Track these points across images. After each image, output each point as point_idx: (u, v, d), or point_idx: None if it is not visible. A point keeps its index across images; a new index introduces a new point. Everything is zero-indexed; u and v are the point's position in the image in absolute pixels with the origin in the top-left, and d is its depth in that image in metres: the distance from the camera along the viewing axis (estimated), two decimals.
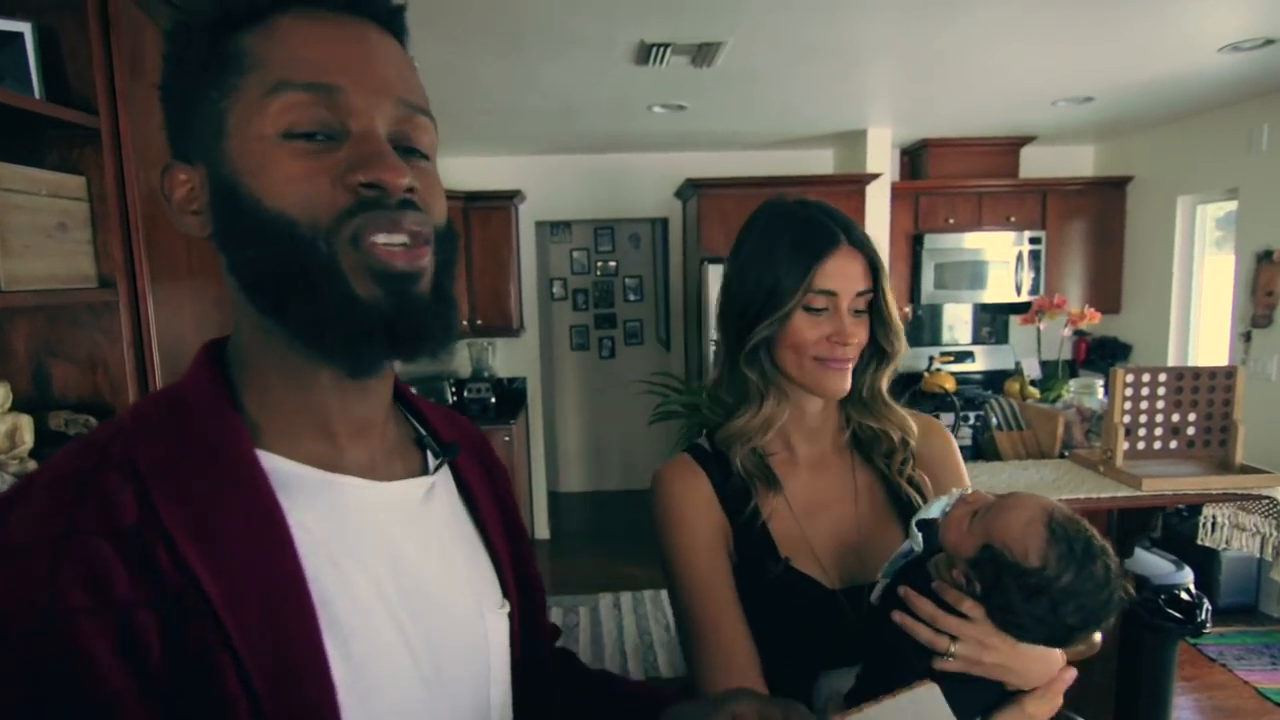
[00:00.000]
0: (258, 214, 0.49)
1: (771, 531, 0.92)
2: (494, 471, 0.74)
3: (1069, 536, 0.72)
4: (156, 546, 0.45)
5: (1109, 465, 2.24)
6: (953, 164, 4.48)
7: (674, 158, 4.57)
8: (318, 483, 0.54)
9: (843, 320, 0.88)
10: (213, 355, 0.56)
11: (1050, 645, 0.75)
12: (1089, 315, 2.63)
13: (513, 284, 4.43)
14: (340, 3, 0.52)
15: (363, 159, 0.50)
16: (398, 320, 0.51)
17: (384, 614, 0.53)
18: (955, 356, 4.83)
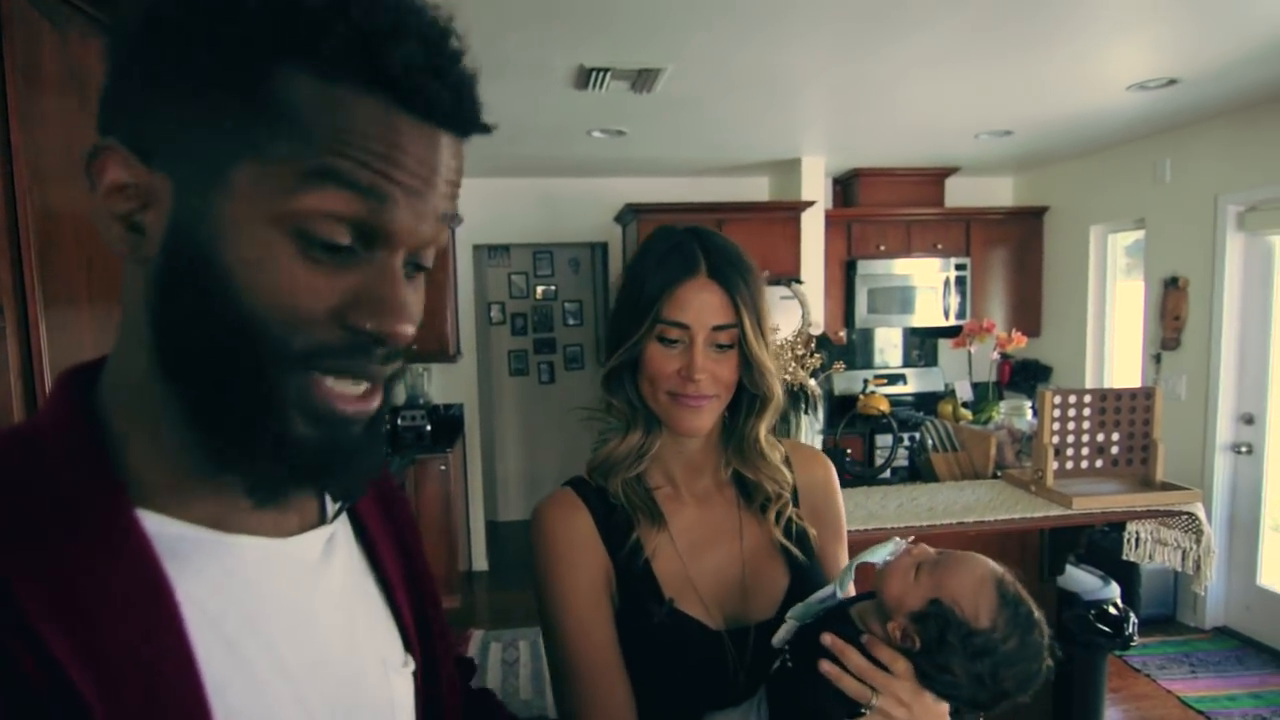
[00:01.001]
0: (230, 307, 0.40)
1: (655, 571, 0.88)
2: (396, 510, 0.66)
3: (1017, 603, 0.73)
4: (12, 641, 0.36)
5: (1040, 485, 2.30)
6: (883, 193, 4.63)
7: (614, 183, 4.57)
8: (209, 545, 0.45)
9: (694, 354, 0.83)
10: (76, 390, 0.46)
11: (974, 708, 0.75)
12: (1016, 339, 2.73)
13: (449, 308, 4.33)
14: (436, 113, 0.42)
15: (375, 302, 0.42)
16: (326, 461, 0.44)
17: (285, 691, 0.46)
18: (888, 379, 4.95)
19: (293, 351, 0.41)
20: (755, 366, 0.86)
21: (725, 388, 0.86)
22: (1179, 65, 2.74)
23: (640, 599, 0.87)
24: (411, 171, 0.42)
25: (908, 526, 2.09)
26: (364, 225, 0.41)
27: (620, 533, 0.89)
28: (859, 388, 4.84)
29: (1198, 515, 2.22)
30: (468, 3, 1.99)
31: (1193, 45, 2.55)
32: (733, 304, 0.84)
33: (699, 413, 0.85)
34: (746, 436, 0.92)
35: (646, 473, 0.93)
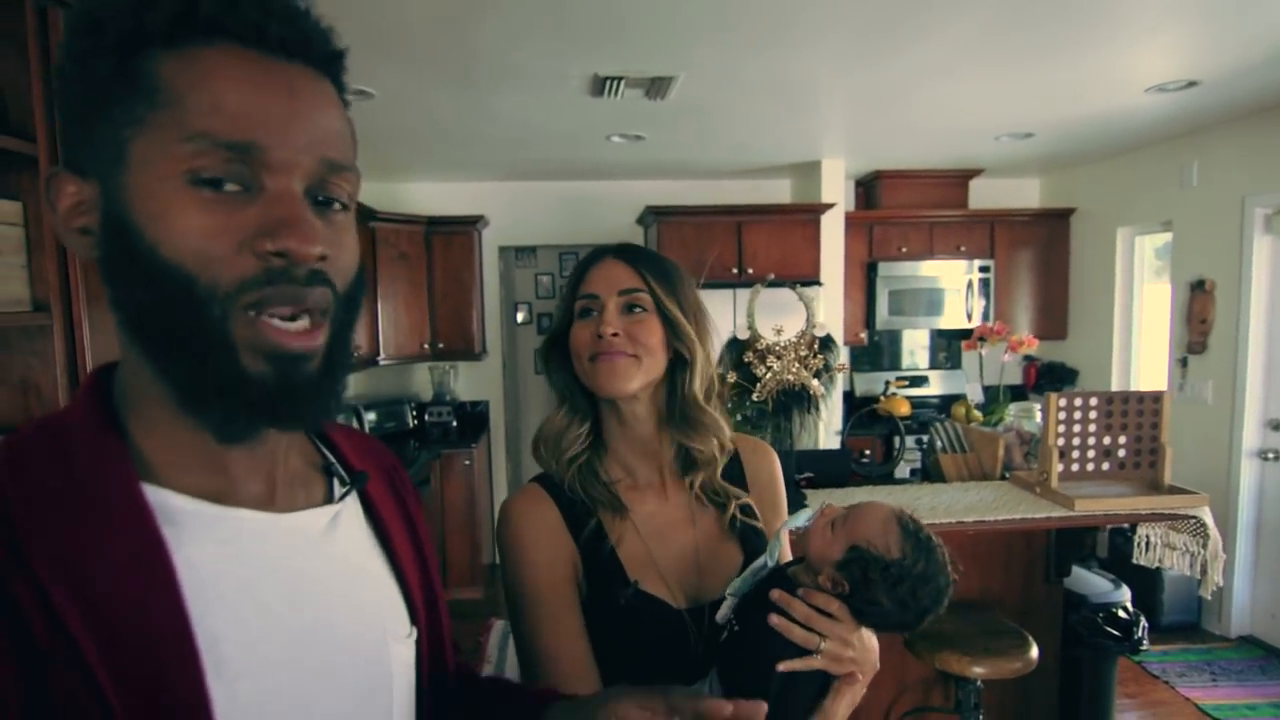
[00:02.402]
0: (153, 261, 0.45)
1: (620, 556, 0.95)
2: (406, 498, 0.71)
3: (916, 531, 0.85)
4: (21, 592, 0.42)
5: (1045, 486, 2.31)
6: (904, 195, 4.63)
7: (637, 185, 4.65)
8: (208, 517, 0.51)
9: (605, 313, 0.93)
10: (100, 383, 0.53)
11: (902, 630, 0.85)
12: (1027, 341, 2.73)
13: (475, 308, 4.45)
14: (274, 43, 0.47)
15: (274, 223, 0.46)
16: (281, 398, 0.49)
17: (276, 651, 0.51)
18: (911, 381, 4.94)
19: (223, 290, 0.46)
20: (675, 325, 0.95)
21: (646, 350, 0.94)
22: (1198, 67, 2.72)
23: (607, 583, 0.93)
24: (270, 111, 0.47)
25: None
26: (242, 163, 0.46)
27: (584, 523, 0.95)
28: (880, 389, 4.86)
29: (1204, 520, 2.22)
30: (484, 16, 2.09)
31: (1210, 47, 2.53)
32: (637, 273, 0.95)
33: (614, 368, 0.93)
34: (683, 398, 0.97)
35: (606, 467, 1.00)
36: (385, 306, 4.15)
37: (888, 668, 2.38)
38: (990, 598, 2.41)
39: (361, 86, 2.71)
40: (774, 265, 4.16)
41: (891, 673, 2.40)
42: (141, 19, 0.45)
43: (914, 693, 2.42)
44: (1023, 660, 2.02)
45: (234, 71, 0.46)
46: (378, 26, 2.18)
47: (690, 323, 0.96)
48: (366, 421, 4.19)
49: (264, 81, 0.47)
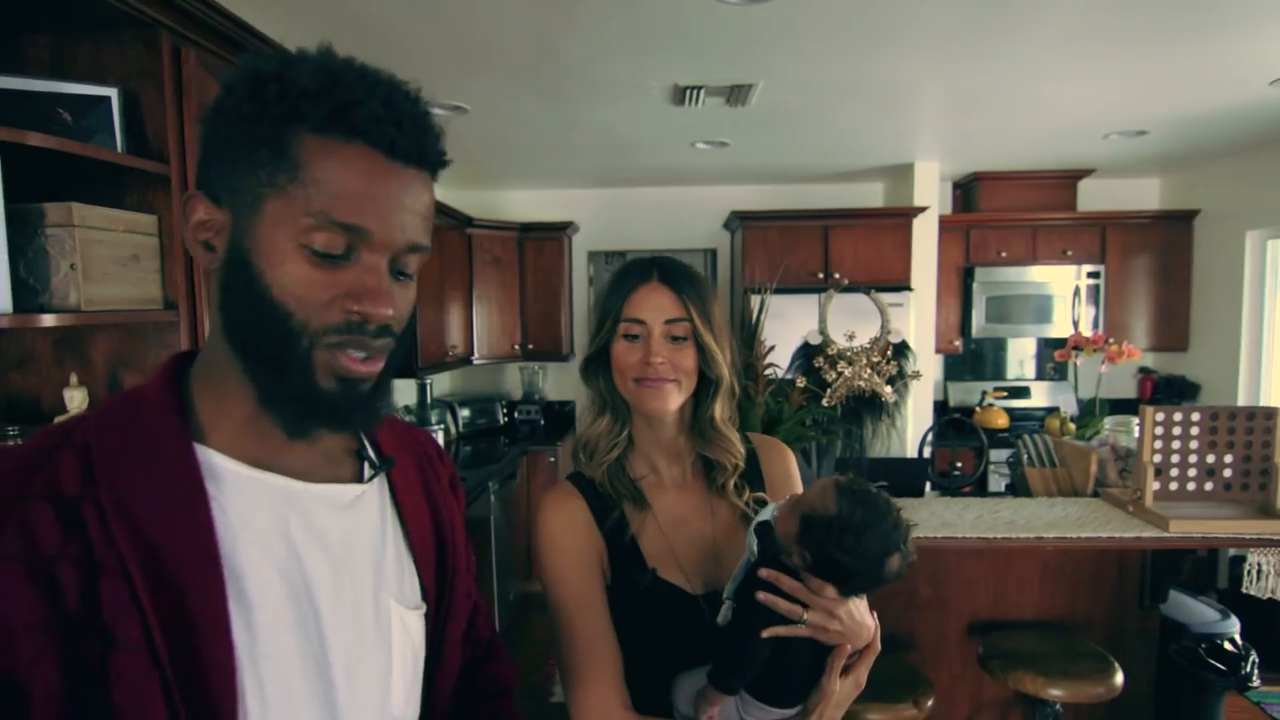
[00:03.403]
0: (263, 295, 0.57)
1: (640, 546, 1.02)
2: (433, 486, 0.80)
3: (851, 487, 0.89)
4: (89, 515, 0.54)
5: (1138, 505, 2.19)
6: (1006, 197, 4.43)
7: (722, 190, 4.69)
8: (246, 477, 0.61)
9: (651, 343, 1.00)
10: (176, 364, 0.65)
11: (876, 583, 0.88)
12: (1128, 351, 2.57)
13: (564, 311, 4.61)
14: (399, 153, 0.59)
15: (362, 290, 0.58)
16: (341, 409, 0.61)
17: (288, 595, 0.61)
18: (1011, 392, 4.71)
19: (313, 330, 0.58)
20: (707, 353, 1.02)
21: (685, 374, 1.01)
22: None
23: (628, 570, 1.01)
24: (380, 203, 0.59)
25: (981, 538, 2.07)
26: (350, 240, 0.58)
27: (610, 516, 1.04)
28: (977, 399, 4.66)
29: None
30: (567, 31, 2.21)
31: None
32: (680, 302, 1.01)
33: (660, 394, 1.01)
34: (704, 418, 1.06)
35: (632, 463, 1.08)
36: (479, 309, 4.37)
37: (961, 684, 2.34)
38: (1076, 619, 2.30)
39: (457, 102, 2.89)
40: (862, 270, 4.09)
41: (966, 689, 2.34)
42: (299, 106, 0.56)
43: (990, 712, 2.34)
44: (1105, 685, 1.92)
45: (361, 169, 0.58)
46: (470, 45, 2.33)
47: (722, 349, 1.03)
48: (460, 417, 4.43)
49: (382, 181, 0.59)
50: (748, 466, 1.08)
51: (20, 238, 1.26)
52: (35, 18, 1.43)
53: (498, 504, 3.61)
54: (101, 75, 1.43)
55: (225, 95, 0.59)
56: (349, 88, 0.57)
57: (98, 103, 1.37)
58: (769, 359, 2.24)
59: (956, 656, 2.34)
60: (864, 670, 0.94)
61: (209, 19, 1.54)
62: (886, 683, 1.93)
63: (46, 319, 1.22)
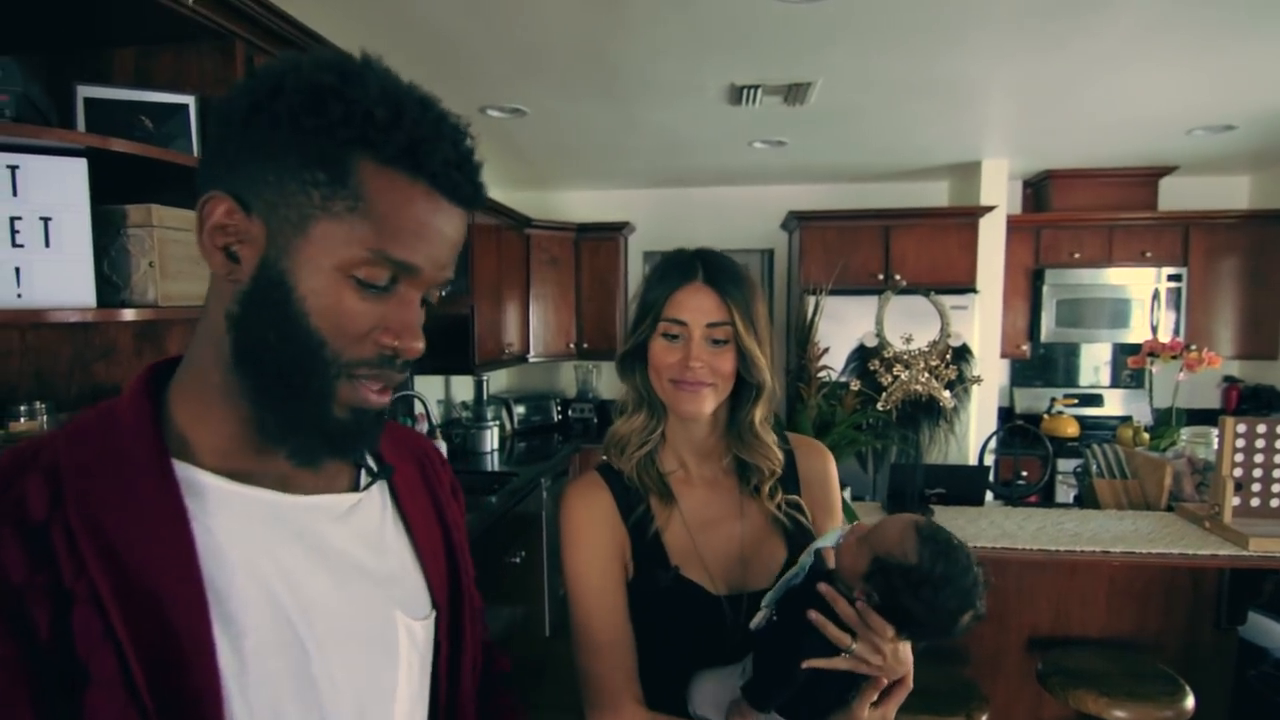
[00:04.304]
0: (297, 320, 0.54)
1: (664, 542, 1.01)
2: (439, 491, 0.77)
3: (934, 536, 0.86)
4: (58, 540, 0.50)
5: (1215, 521, 2.07)
6: (1080, 196, 4.25)
7: (780, 189, 4.63)
8: (229, 493, 0.58)
9: (691, 346, 0.97)
10: (151, 375, 0.61)
11: (941, 637, 0.85)
12: (1208, 359, 2.43)
13: (619, 311, 4.63)
14: (458, 196, 0.58)
15: (399, 326, 0.57)
16: (350, 438, 0.59)
17: (278, 616, 0.57)
18: (1082, 399, 4.51)
19: (344, 361, 0.56)
20: (748, 358, 0.99)
21: (723, 378, 0.99)
22: None
23: (650, 566, 1.00)
24: (433, 242, 0.57)
25: (1043, 550, 2.00)
26: (394, 275, 0.57)
27: (635, 510, 1.03)
28: (1045, 407, 4.48)
29: None
30: (621, 34, 2.23)
31: None
32: (724, 305, 0.98)
33: (697, 397, 0.99)
34: (744, 422, 1.04)
35: (661, 458, 1.06)
36: (536, 308, 4.44)
37: (1019, 701, 2.26)
38: (1144, 639, 2.19)
39: (516, 105, 2.95)
40: (925, 272, 3.98)
41: (1024, 707, 2.25)
42: (368, 133, 0.53)
43: None
44: (1174, 709, 1.82)
45: (425, 210, 0.56)
46: (525, 48, 2.37)
47: (764, 351, 1.01)
48: (515, 414, 4.51)
49: (441, 222, 0.57)
50: (784, 469, 1.06)
51: (104, 237, 1.35)
52: (123, 32, 1.53)
53: (549, 500, 3.66)
54: (180, 84, 1.51)
55: (268, 97, 0.54)
56: (418, 122, 0.55)
57: (177, 110, 1.46)
58: (822, 361, 2.21)
59: (1014, 672, 2.26)
60: (893, 707, 0.92)
61: (278, 28, 1.61)
62: (939, 694, 1.87)
63: (127, 313, 1.30)
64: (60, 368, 1.52)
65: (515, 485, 3.21)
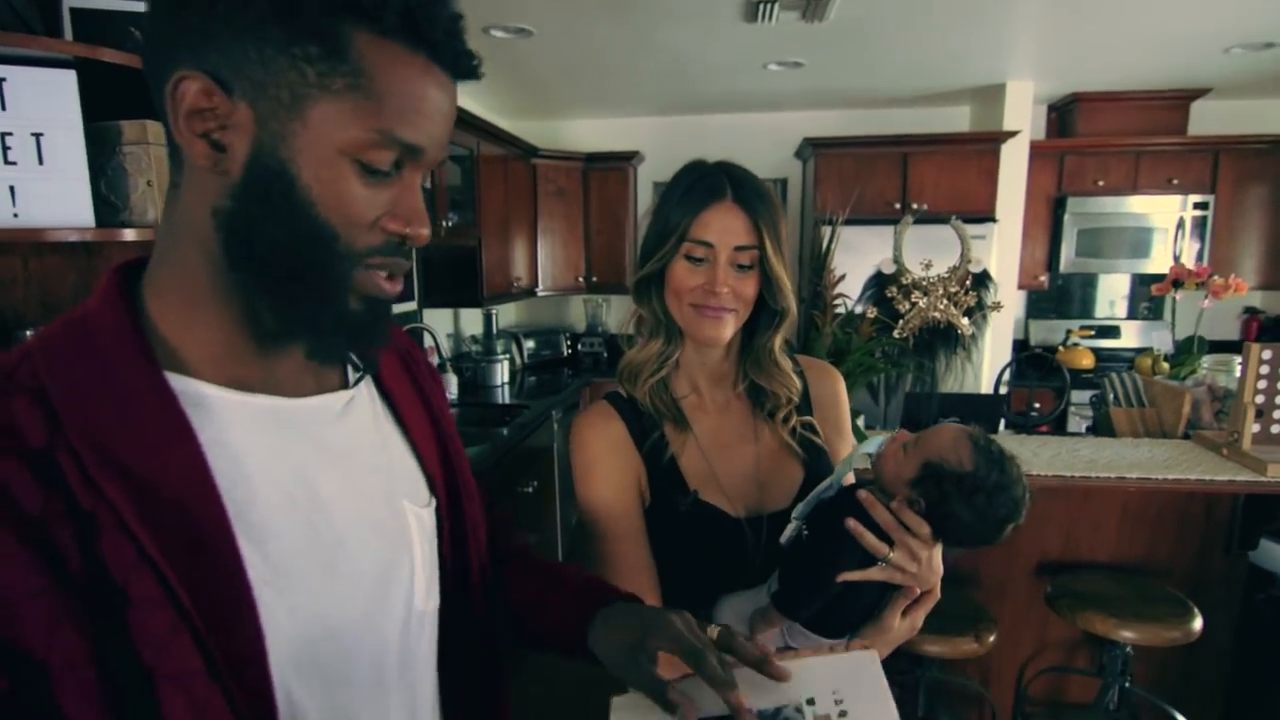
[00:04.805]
0: (305, 212, 0.51)
1: (681, 467, 0.99)
2: (422, 381, 0.76)
3: (987, 446, 0.86)
4: (66, 467, 0.47)
5: (1233, 448, 2.05)
6: (1108, 120, 4.09)
7: (794, 116, 4.48)
8: (230, 402, 0.56)
9: (717, 270, 0.92)
10: (122, 279, 0.57)
11: (981, 543, 0.86)
12: (1235, 285, 2.37)
13: (628, 244, 4.56)
14: (458, 68, 0.55)
15: (407, 211, 0.55)
16: (365, 330, 0.58)
17: (299, 519, 0.57)
18: (1099, 331, 4.45)
19: (357, 252, 0.54)
20: (774, 283, 0.95)
21: (745, 304, 0.96)
22: None
23: (668, 492, 0.98)
24: (435, 120, 0.55)
25: (1057, 476, 1.99)
26: (399, 159, 0.54)
27: (650, 437, 1.00)
28: (1060, 338, 4.42)
29: None
30: None
31: None
32: (754, 227, 0.92)
33: (719, 323, 0.95)
34: (763, 348, 1.02)
35: (674, 383, 1.03)
36: (544, 240, 4.38)
37: (1025, 623, 2.30)
38: (1154, 565, 2.20)
39: (521, 24, 2.82)
40: (943, 200, 3.88)
41: (1031, 630, 2.29)
42: (363, 1, 0.49)
43: (1054, 651, 2.29)
44: (1181, 630, 1.84)
45: (429, 86, 0.53)
46: None
47: (789, 275, 0.97)
48: (525, 349, 4.50)
49: (443, 98, 0.55)
50: None
51: (100, 156, 1.31)
52: None
53: (560, 433, 3.68)
54: None
55: None
56: None
57: None
58: (838, 290, 2.16)
59: (1022, 595, 2.28)
60: (921, 615, 0.92)
61: None
62: (948, 616, 1.90)
63: (128, 234, 1.27)
64: (65, 293, 1.50)
65: (526, 418, 3.22)
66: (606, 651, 0.68)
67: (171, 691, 0.47)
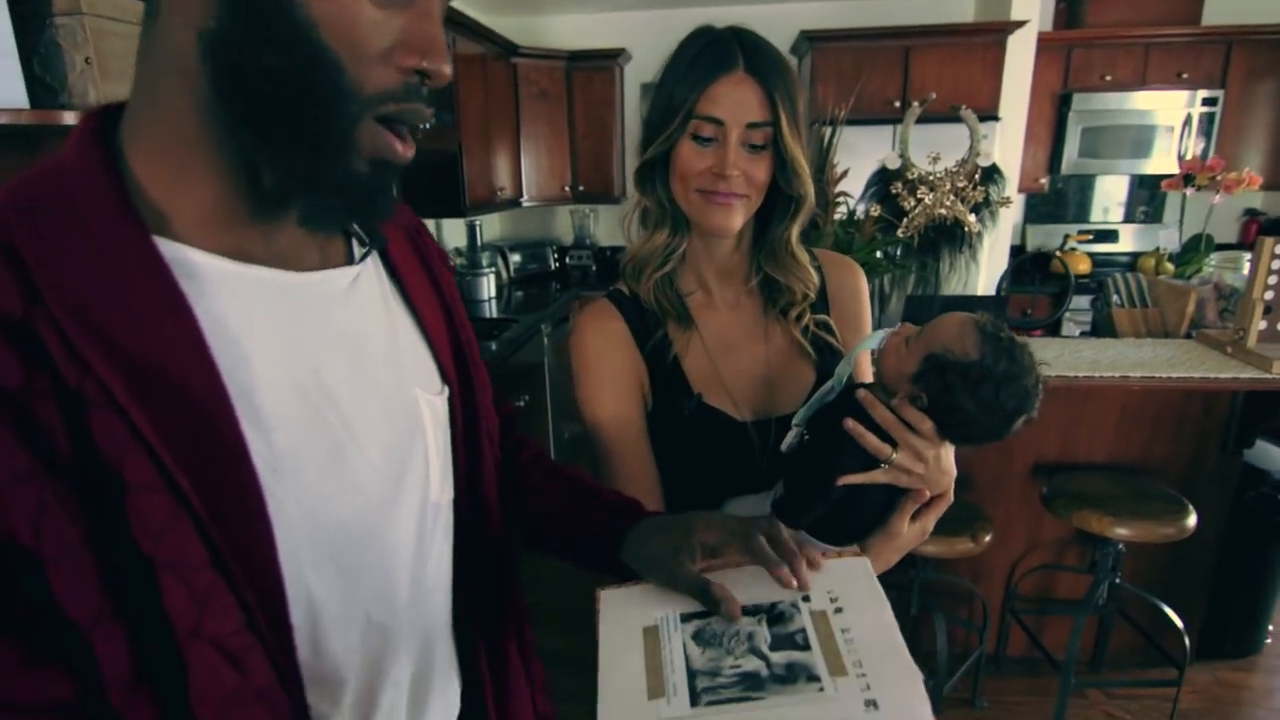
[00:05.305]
0: (306, 34, 0.44)
1: (685, 368, 0.93)
2: (431, 262, 0.71)
3: (996, 333, 0.79)
4: (48, 338, 0.42)
5: (1238, 346, 2.02)
6: (1119, 9, 3.88)
7: (791, 8, 4.22)
8: (228, 274, 0.50)
9: (727, 151, 0.83)
10: (99, 130, 0.49)
11: (990, 439, 0.80)
12: (1249, 179, 2.28)
13: (616, 150, 4.37)
14: None
15: (425, 42, 0.48)
16: (368, 198, 0.51)
17: (307, 405, 0.52)
18: (1096, 235, 4.37)
19: (367, 95, 0.47)
20: (790, 166, 0.86)
21: (757, 189, 0.87)
22: None
23: (671, 394, 0.92)
24: None
25: (1060, 376, 1.95)
26: None
27: (653, 337, 0.94)
28: (1058, 243, 4.34)
29: None
30: None
31: None
32: (769, 101, 0.82)
33: (729, 211, 0.87)
34: (780, 239, 0.93)
35: (679, 278, 0.96)
36: (528, 147, 4.17)
37: (1018, 523, 2.31)
38: (1149, 464, 2.21)
39: None
40: (945, 96, 3.68)
41: (1023, 529, 2.31)
42: None
43: (1045, 550, 2.33)
44: (1176, 527, 1.85)
45: None
46: None
47: (806, 159, 0.87)
48: (511, 262, 4.37)
49: None
50: None
51: (30, 31, 1.17)
52: None
53: (550, 347, 3.62)
54: None
55: None
56: None
57: None
58: (840, 186, 2.06)
59: (1016, 496, 2.29)
60: (933, 519, 0.87)
61: None
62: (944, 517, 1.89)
63: (68, 116, 1.15)
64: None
65: (514, 333, 3.14)
66: (644, 562, 0.67)
67: (173, 582, 0.44)
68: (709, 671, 0.54)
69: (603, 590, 0.65)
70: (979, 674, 2.26)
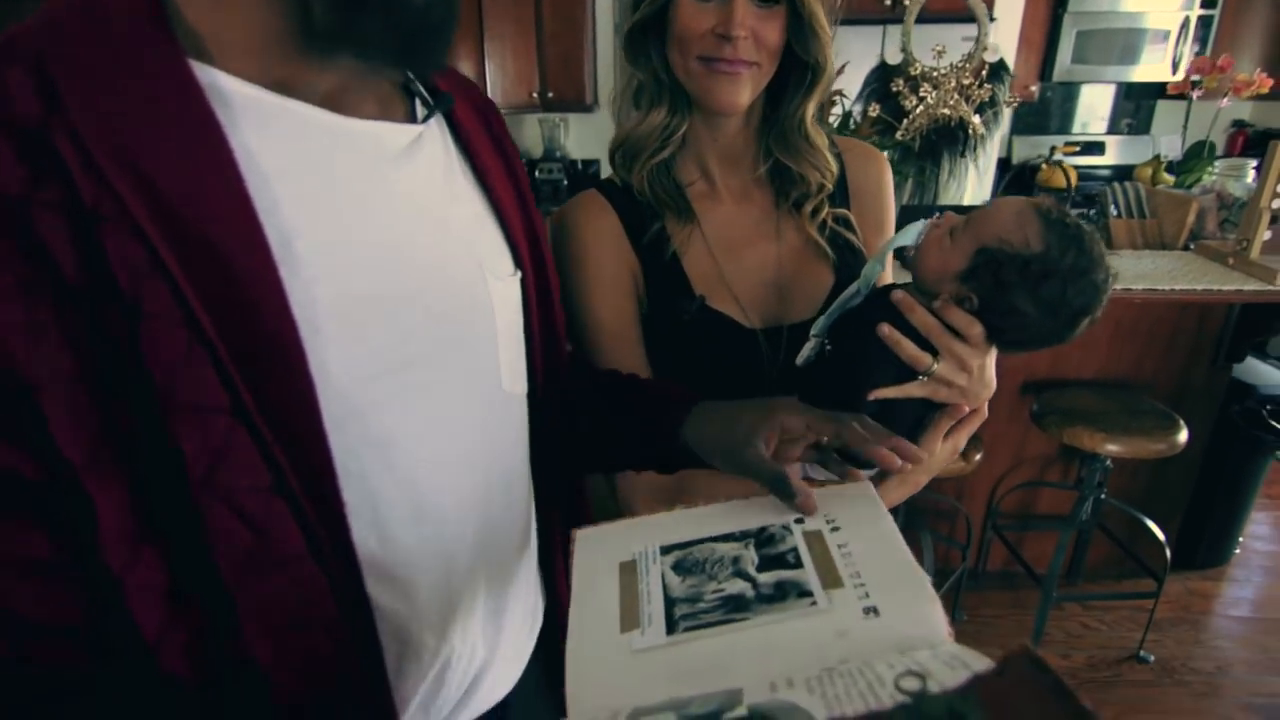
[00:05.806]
0: None
1: (685, 268, 0.83)
2: (505, 145, 0.64)
3: (1061, 219, 0.69)
4: (66, 152, 0.38)
5: (1240, 257, 1.95)
6: None
7: None
8: (269, 105, 0.45)
9: (734, 7, 0.71)
10: None
11: (1049, 343, 0.72)
12: (1260, 81, 2.16)
13: (587, 54, 4.08)
14: None
15: None
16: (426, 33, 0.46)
17: (358, 263, 0.48)
18: (1082, 147, 4.25)
19: None
20: (807, 25, 0.74)
21: (768, 55, 0.75)
22: None
23: (669, 297, 0.83)
24: None
25: None
26: None
27: (648, 231, 0.83)
28: (1044, 155, 4.22)
29: None
30: None
31: None
32: None
33: (736, 82, 0.75)
34: (793, 117, 0.81)
35: (678, 166, 0.85)
36: (492, 49, 3.88)
37: (1004, 441, 2.27)
38: (1139, 379, 2.18)
39: None
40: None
41: (1007, 446, 2.29)
42: None
43: (1030, 466, 2.31)
44: (1167, 442, 1.83)
45: None
46: None
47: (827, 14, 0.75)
48: None
49: None
50: None
51: None
52: None
53: None
54: None
55: None
56: None
57: None
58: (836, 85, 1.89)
59: (1003, 414, 2.25)
60: (965, 436, 0.78)
61: None
62: None
63: None
64: None
65: None
66: (711, 446, 0.62)
67: (185, 424, 0.40)
68: (689, 599, 0.49)
69: (578, 530, 0.60)
70: (960, 589, 2.27)
